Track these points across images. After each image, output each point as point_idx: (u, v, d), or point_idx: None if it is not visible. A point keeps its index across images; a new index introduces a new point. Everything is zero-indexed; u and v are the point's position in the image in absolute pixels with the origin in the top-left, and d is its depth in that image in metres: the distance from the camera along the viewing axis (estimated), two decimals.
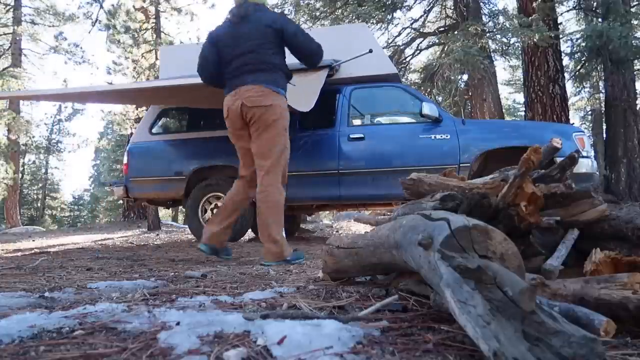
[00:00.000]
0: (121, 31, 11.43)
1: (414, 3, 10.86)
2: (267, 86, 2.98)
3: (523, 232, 1.40)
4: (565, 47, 10.16)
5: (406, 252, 1.15)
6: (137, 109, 11.13)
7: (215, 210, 5.31)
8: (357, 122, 5.19)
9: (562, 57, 9.32)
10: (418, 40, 11.43)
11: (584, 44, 9.58)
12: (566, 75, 10.11)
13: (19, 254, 4.17)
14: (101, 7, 13.28)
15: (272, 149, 3.03)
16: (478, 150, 4.54)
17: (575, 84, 12.45)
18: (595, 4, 10.16)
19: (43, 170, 29.62)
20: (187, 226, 7.36)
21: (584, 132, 5.00)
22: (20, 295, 1.61)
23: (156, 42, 11.86)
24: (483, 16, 9.99)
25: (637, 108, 10.12)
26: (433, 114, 4.60)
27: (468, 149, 4.55)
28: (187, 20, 13.18)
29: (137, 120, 10.18)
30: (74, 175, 74.77)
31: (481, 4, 10.17)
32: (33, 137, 22.88)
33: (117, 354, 0.87)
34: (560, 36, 9.52)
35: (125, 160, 5.64)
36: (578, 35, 10.17)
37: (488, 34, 9.14)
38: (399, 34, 11.17)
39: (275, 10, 11.71)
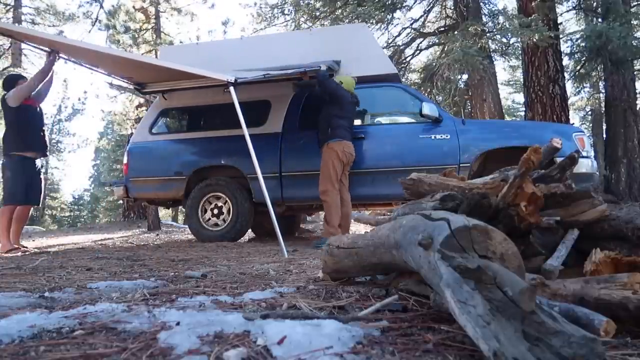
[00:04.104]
0: (121, 31, 11.43)
1: (414, 3, 10.86)
2: None
3: (523, 232, 1.40)
4: (565, 47, 10.16)
5: (406, 252, 1.15)
6: (137, 109, 11.13)
7: (215, 211, 5.32)
8: (357, 122, 5.19)
9: (562, 57, 9.32)
10: (418, 40, 11.42)
11: (583, 44, 9.58)
12: (566, 75, 10.10)
13: (19, 254, 4.16)
14: (101, 7, 13.28)
15: None
16: (478, 150, 4.54)
17: (575, 84, 12.44)
18: (595, 4, 10.16)
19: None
20: (187, 226, 7.36)
21: (584, 132, 5.00)
22: (20, 295, 1.61)
23: (156, 42, 11.87)
24: (483, 16, 9.99)
25: (637, 108, 10.12)
26: (433, 114, 4.60)
27: (468, 149, 4.55)
28: (187, 20, 13.19)
29: (137, 120, 10.19)
30: (74, 175, 74.62)
31: (481, 4, 10.17)
32: None
33: (117, 354, 0.87)
34: (560, 36, 9.52)
35: (125, 160, 5.64)
36: (578, 35, 10.17)
37: (488, 34, 9.14)
38: (399, 34, 11.16)
39: (275, 10, 11.72)
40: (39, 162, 4.83)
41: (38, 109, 4.84)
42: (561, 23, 11.66)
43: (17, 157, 4.56)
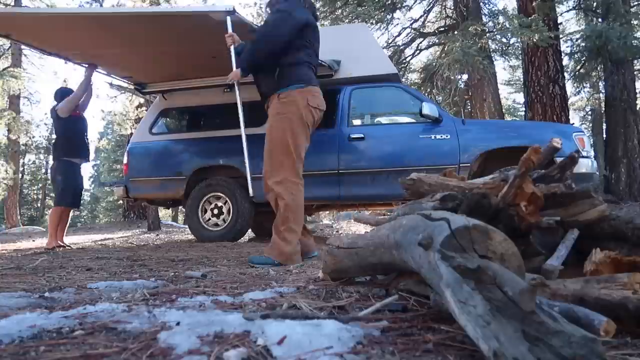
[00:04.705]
0: None
1: (414, 3, 10.87)
2: None
3: (523, 232, 1.40)
4: (565, 47, 10.17)
5: (406, 252, 1.15)
6: (137, 109, 11.13)
7: (215, 211, 5.32)
8: (357, 122, 5.19)
9: (562, 57, 9.32)
10: (418, 40, 11.43)
11: (584, 44, 9.59)
12: (566, 75, 10.11)
13: (19, 254, 4.17)
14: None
15: None
16: (478, 150, 4.54)
17: (575, 84, 12.45)
18: (595, 4, 10.16)
19: (43, 170, 29.59)
20: (187, 226, 7.37)
21: (584, 132, 5.00)
22: (20, 295, 1.61)
23: None
24: (483, 16, 9.99)
25: (637, 108, 10.12)
26: (433, 114, 4.60)
27: (468, 149, 4.55)
28: None
29: (137, 120, 10.19)
30: None
31: (481, 4, 10.17)
32: (33, 137, 22.89)
33: (117, 354, 0.87)
34: (560, 36, 9.52)
35: (125, 160, 5.65)
36: (578, 35, 10.18)
37: (488, 34, 9.14)
38: (399, 34, 11.18)
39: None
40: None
41: (82, 117, 5.31)
42: (561, 23, 11.66)
43: (67, 162, 5.03)
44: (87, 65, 5.15)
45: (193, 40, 4.50)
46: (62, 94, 5.22)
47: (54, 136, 5.92)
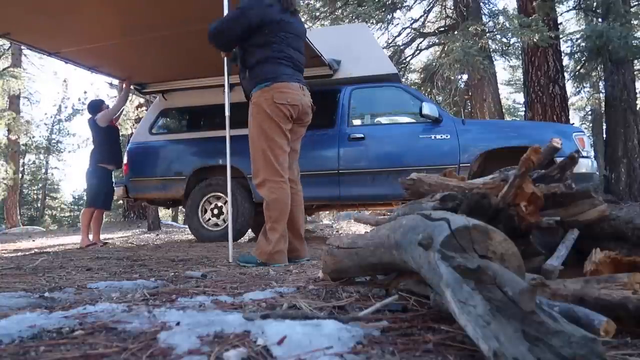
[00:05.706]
0: None
1: (414, 3, 10.88)
2: None
3: (523, 232, 1.39)
4: (565, 47, 10.17)
5: (406, 252, 1.15)
6: (137, 109, 11.12)
7: (215, 211, 5.32)
8: (357, 122, 5.19)
9: (562, 57, 9.32)
10: (418, 40, 11.44)
11: (584, 44, 9.60)
12: (566, 75, 10.11)
13: (19, 254, 4.17)
14: None
15: None
16: (478, 150, 4.54)
17: (575, 84, 12.46)
18: (595, 4, 10.16)
19: (43, 170, 29.55)
20: (187, 226, 7.37)
21: (584, 132, 5.00)
22: (20, 295, 1.61)
23: None
24: (483, 16, 10.00)
25: (637, 108, 10.12)
26: (433, 114, 4.60)
27: (468, 149, 4.56)
28: None
29: (137, 120, 10.18)
30: (74, 175, 74.38)
31: (481, 4, 10.18)
32: (33, 137, 22.86)
33: (117, 354, 0.87)
34: (560, 36, 9.52)
35: (125, 160, 5.65)
36: (578, 35, 10.18)
37: (488, 34, 9.14)
38: (399, 34, 11.20)
39: None
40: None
41: (116, 127, 5.83)
42: (561, 23, 11.67)
43: (102, 168, 5.38)
44: (124, 80, 5.58)
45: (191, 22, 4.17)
46: (94, 105, 5.67)
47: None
